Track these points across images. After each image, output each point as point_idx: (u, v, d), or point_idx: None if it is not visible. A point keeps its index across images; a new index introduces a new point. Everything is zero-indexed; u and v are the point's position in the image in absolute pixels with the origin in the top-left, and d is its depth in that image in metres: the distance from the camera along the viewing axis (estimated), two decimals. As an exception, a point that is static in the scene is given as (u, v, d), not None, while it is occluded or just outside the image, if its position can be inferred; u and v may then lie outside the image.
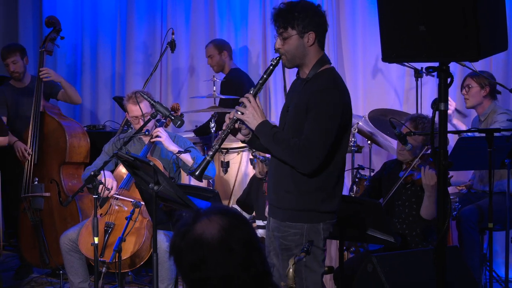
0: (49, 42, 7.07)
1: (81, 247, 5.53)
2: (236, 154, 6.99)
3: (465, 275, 5.01)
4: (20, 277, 6.87)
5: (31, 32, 9.10)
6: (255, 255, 2.28)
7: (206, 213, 2.29)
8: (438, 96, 3.58)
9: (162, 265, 5.33)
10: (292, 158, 3.91)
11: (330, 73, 4.03)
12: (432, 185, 5.02)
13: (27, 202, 6.57)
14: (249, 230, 2.31)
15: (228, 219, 2.28)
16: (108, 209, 5.62)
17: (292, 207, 3.98)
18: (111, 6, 8.95)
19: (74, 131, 6.77)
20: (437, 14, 3.37)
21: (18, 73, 7.01)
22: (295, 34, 3.95)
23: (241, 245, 2.25)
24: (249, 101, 3.97)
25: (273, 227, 4.10)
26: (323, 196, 3.98)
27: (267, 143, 3.97)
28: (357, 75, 8.05)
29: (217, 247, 2.22)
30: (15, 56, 6.98)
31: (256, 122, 3.95)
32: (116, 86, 8.95)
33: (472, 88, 6.40)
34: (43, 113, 6.75)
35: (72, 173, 6.72)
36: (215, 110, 6.92)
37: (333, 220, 4.07)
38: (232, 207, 6.24)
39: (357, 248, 6.19)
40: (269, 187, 4.21)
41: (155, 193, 4.28)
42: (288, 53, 4.00)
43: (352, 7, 8.05)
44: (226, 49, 7.96)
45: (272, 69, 4.05)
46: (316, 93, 3.91)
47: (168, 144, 5.69)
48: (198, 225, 2.26)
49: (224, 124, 4.07)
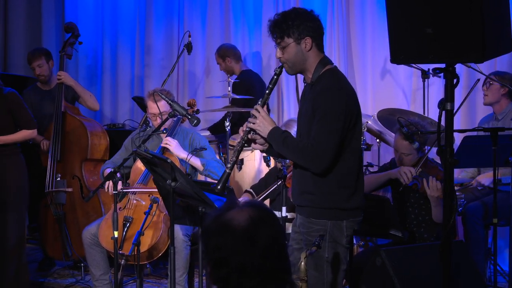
0: (68, 46, 7.12)
1: (101, 239, 5.54)
2: (250, 151, 6.98)
3: (470, 268, 5.00)
4: (43, 269, 6.90)
5: (54, 36, 9.13)
6: (276, 251, 2.31)
7: (241, 204, 2.35)
8: (444, 96, 3.58)
9: (179, 254, 5.35)
10: (302, 159, 3.92)
11: (331, 73, 4.01)
12: (437, 196, 5.01)
13: (50, 197, 6.59)
14: (277, 227, 2.35)
15: (259, 213, 2.33)
16: (126, 204, 5.63)
17: (316, 205, 3.98)
18: (130, 10, 8.97)
19: (94, 129, 6.81)
20: (443, 17, 3.37)
21: (43, 76, 7.04)
22: (292, 42, 3.95)
23: (264, 239, 2.28)
24: (259, 112, 3.99)
25: (299, 223, 4.11)
26: (347, 194, 3.96)
27: (279, 148, 3.99)
28: (366, 76, 8.06)
29: (241, 235, 2.27)
30: (41, 60, 7.02)
31: (267, 130, 3.98)
32: (135, 86, 8.98)
33: (493, 85, 6.35)
34: (65, 113, 6.78)
35: (93, 169, 6.76)
36: (229, 110, 6.92)
37: (358, 218, 4.04)
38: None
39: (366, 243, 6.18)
40: (293, 189, 4.21)
41: (172, 189, 4.29)
42: (289, 61, 4.00)
43: (361, 11, 8.05)
44: (229, 54, 7.98)
45: (277, 78, 4.06)
46: (319, 94, 3.91)
47: (177, 152, 5.69)
48: (230, 212, 2.32)
49: (239, 136, 4.10)
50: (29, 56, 7.09)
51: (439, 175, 5.08)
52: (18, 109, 5.84)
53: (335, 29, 8.02)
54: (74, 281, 6.55)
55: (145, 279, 6.47)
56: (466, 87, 7.42)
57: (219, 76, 8.35)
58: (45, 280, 6.61)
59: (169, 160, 4.26)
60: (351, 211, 3.99)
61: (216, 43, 8.46)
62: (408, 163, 5.31)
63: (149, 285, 6.43)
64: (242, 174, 7.01)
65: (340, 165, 3.93)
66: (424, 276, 4.74)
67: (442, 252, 3.61)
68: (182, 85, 8.78)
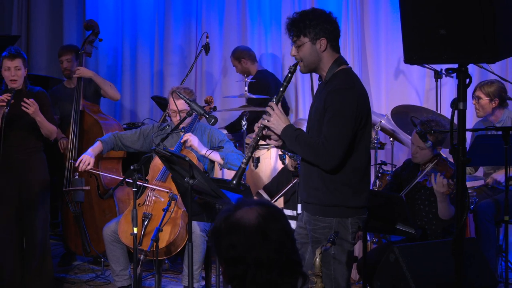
0: (88, 44, 7.13)
1: (120, 235, 5.56)
2: (266, 150, 6.99)
3: (482, 265, 4.99)
4: (64, 264, 6.94)
5: (75, 37, 9.15)
6: (288, 244, 2.33)
7: (248, 203, 2.37)
8: (457, 96, 3.58)
9: (196, 249, 5.37)
10: (313, 156, 3.93)
11: (345, 73, 4.02)
12: (442, 192, 5.00)
13: (68, 195, 6.61)
14: (285, 222, 2.37)
15: (267, 209, 2.35)
16: (145, 200, 5.65)
17: (322, 203, 3.99)
18: (149, 11, 8.99)
19: (111, 128, 6.79)
20: (456, 18, 3.36)
21: (69, 70, 7.09)
22: (307, 41, 3.97)
23: (276, 233, 2.30)
24: (273, 109, 4.00)
25: (305, 220, 4.12)
26: (350, 192, 3.97)
27: (291, 145, 4.01)
28: (380, 76, 8.06)
29: (253, 232, 2.29)
30: (70, 55, 7.09)
31: (281, 127, 3.99)
32: (154, 86, 9.00)
33: (482, 100, 6.33)
34: (83, 112, 6.80)
35: (110, 167, 6.76)
36: (246, 109, 6.94)
37: (363, 216, 4.05)
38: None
39: (380, 239, 6.18)
40: (300, 185, 4.24)
41: (190, 186, 4.30)
42: (303, 59, 4.02)
43: (375, 12, 8.06)
44: (244, 56, 8.01)
45: (291, 76, 4.07)
46: (331, 93, 3.92)
47: (200, 149, 5.70)
48: (239, 211, 2.34)
49: (254, 133, 4.11)
50: (60, 50, 7.22)
51: (448, 172, 5.08)
52: (45, 108, 5.90)
53: (350, 30, 8.02)
54: (94, 276, 6.58)
55: (163, 274, 6.50)
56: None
57: (236, 76, 8.36)
58: (66, 275, 6.64)
59: (187, 158, 4.28)
60: (356, 209, 4.00)
61: (233, 43, 8.47)
62: (423, 157, 5.33)
63: (168, 280, 6.45)
64: (258, 172, 7.02)
65: (348, 163, 3.95)
66: (437, 272, 4.74)
67: (454, 249, 3.60)
68: (200, 85, 8.80)
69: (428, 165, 5.25)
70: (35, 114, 5.73)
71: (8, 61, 5.78)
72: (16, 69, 5.78)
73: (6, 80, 5.81)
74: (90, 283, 6.44)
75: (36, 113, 5.73)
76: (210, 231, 2.41)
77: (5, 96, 5.63)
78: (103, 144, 5.95)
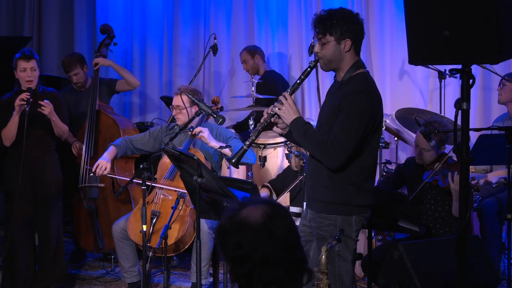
0: (103, 47, 7.17)
1: (129, 232, 5.58)
2: (273, 149, 6.99)
3: (485, 262, 4.98)
4: (75, 261, 6.95)
5: (85, 38, 9.18)
6: (293, 241, 2.32)
7: (253, 202, 2.35)
8: (460, 96, 3.57)
9: (204, 246, 5.38)
10: (320, 153, 3.92)
11: (363, 77, 3.99)
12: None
13: (83, 192, 6.63)
14: (290, 220, 2.36)
15: (272, 208, 2.33)
16: (154, 198, 5.66)
17: (327, 200, 3.99)
18: (158, 13, 9.00)
19: (126, 127, 6.82)
20: (460, 19, 3.36)
21: (80, 83, 7.09)
22: (332, 40, 3.93)
23: (281, 231, 2.29)
24: (286, 99, 3.99)
25: (310, 217, 4.11)
26: (356, 191, 3.96)
27: (299, 137, 4.00)
28: (385, 76, 8.05)
29: (259, 230, 2.27)
30: (76, 69, 7.05)
31: (291, 118, 3.97)
32: (163, 86, 9.00)
33: (506, 86, 6.40)
34: (99, 111, 6.81)
35: (124, 166, 6.76)
36: (253, 109, 6.95)
37: (366, 214, 4.05)
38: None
39: (385, 237, 6.17)
40: (307, 181, 4.23)
41: (199, 184, 4.30)
42: (325, 57, 3.99)
43: (380, 13, 8.05)
44: (258, 53, 8.00)
45: (310, 71, 4.07)
46: (347, 95, 3.90)
47: (209, 140, 5.70)
48: (244, 210, 2.32)
49: (262, 118, 4.09)
50: (65, 65, 7.11)
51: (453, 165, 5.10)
52: (58, 108, 5.93)
53: (355, 31, 8.00)
54: (105, 273, 6.59)
55: (172, 271, 6.51)
56: (481, 88, 7.40)
57: (244, 77, 8.36)
58: (77, 271, 6.65)
59: (196, 157, 4.28)
60: (361, 207, 4.00)
61: (241, 45, 8.47)
62: (428, 158, 5.34)
63: (176, 277, 6.46)
64: (265, 171, 7.02)
65: (356, 163, 3.94)
66: (441, 269, 4.74)
67: (458, 247, 3.60)
68: (208, 85, 8.81)
69: (436, 165, 5.25)
70: (50, 114, 5.77)
71: (24, 62, 5.81)
72: (32, 70, 5.81)
73: (22, 81, 5.84)
74: (100, 279, 6.45)
75: (51, 114, 5.78)
76: (216, 231, 2.38)
77: (25, 95, 5.67)
78: (117, 148, 5.99)
